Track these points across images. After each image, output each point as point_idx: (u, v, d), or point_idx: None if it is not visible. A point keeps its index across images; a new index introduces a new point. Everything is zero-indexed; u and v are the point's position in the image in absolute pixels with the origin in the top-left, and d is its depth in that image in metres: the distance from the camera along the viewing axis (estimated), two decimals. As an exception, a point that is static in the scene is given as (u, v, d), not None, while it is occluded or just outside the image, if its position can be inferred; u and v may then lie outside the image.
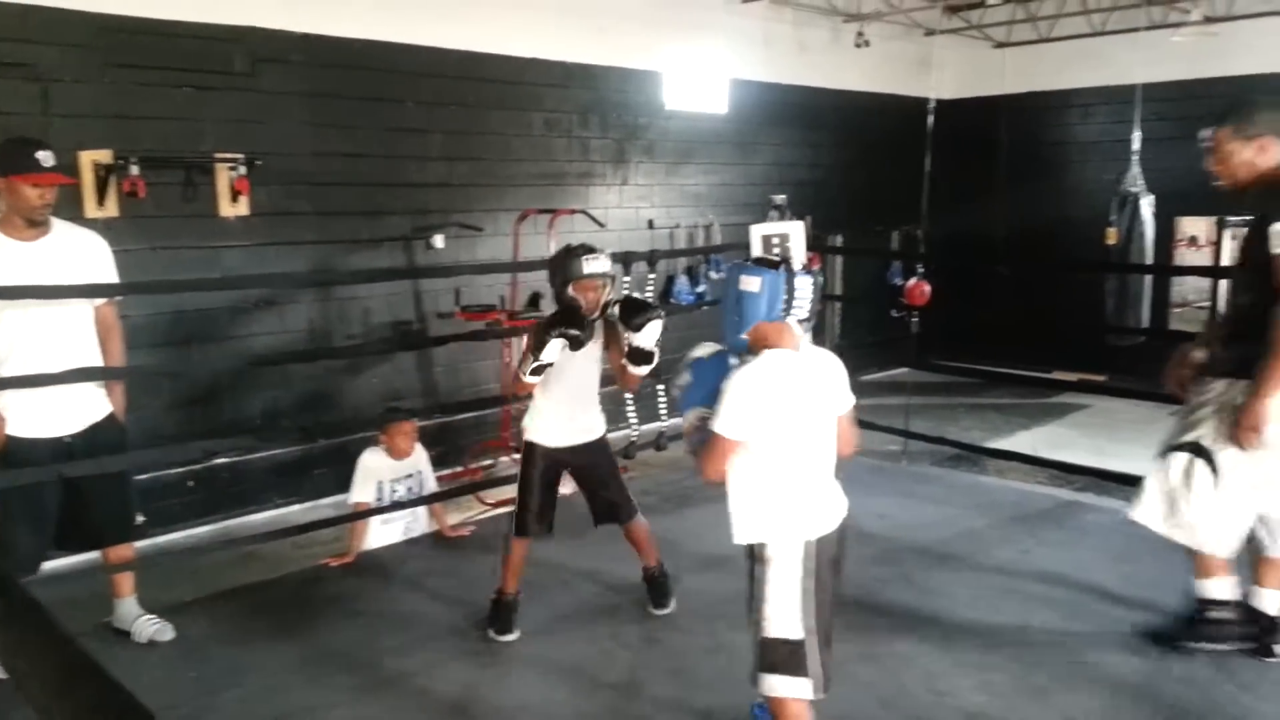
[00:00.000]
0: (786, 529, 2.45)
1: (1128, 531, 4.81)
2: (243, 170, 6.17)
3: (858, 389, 2.71)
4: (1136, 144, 8.26)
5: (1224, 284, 6.20)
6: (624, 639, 3.70)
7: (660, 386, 5.68)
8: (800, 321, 2.48)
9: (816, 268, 6.27)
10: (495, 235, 7.60)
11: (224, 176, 6.16)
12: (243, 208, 6.27)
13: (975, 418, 9.25)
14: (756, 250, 5.60)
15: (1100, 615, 3.86)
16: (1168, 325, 9.98)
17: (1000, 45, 11.05)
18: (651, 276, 5.69)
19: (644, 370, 3.58)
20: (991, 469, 7.08)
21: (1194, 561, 3.49)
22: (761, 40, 9.53)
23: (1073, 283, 9.95)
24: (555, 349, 3.41)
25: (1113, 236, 8.22)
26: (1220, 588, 3.45)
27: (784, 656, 2.42)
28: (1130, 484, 5.81)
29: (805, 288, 2.45)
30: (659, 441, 5.67)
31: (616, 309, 3.56)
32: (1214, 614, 3.47)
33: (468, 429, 7.55)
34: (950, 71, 11.40)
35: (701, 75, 9.10)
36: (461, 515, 5.90)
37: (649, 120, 8.79)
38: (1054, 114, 11.10)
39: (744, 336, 2.49)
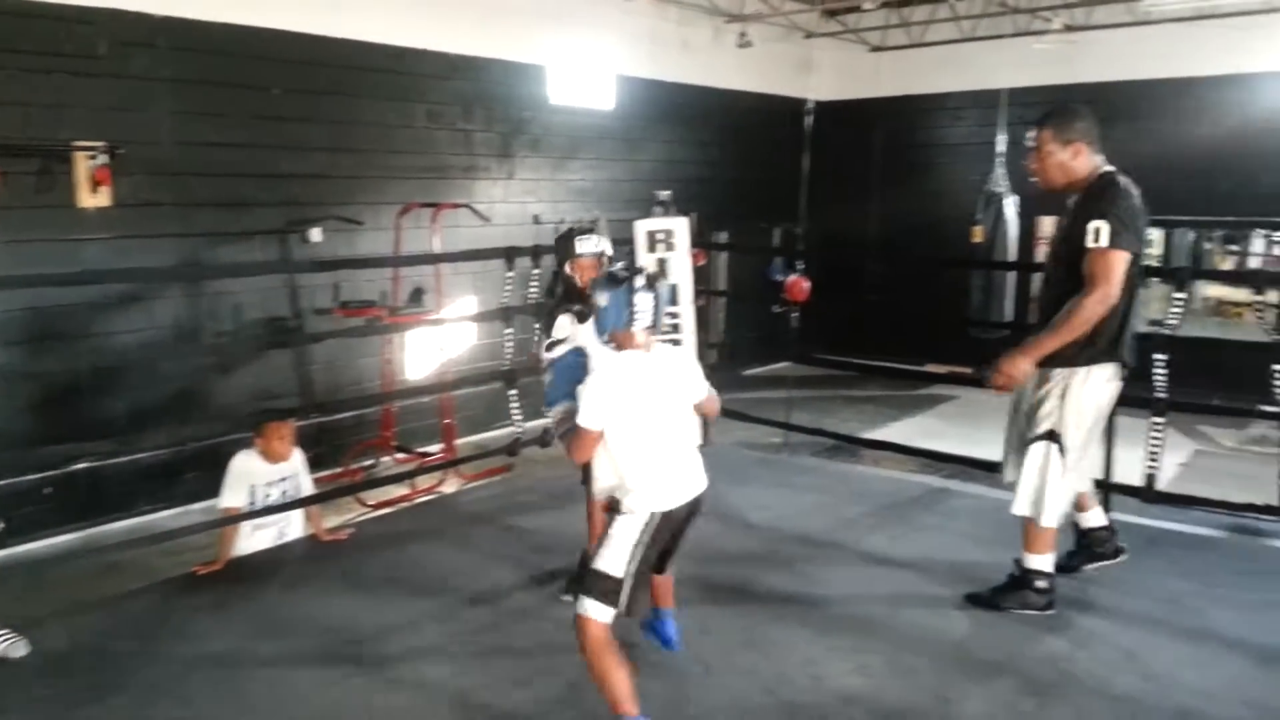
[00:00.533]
0: (639, 500, 2.84)
1: (993, 516, 5.06)
2: (104, 159, 5.87)
3: (741, 383, 3.07)
4: (1001, 146, 8.65)
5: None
6: (500, 643, 3.67)
7: (546, 379, 5.65)
8: (645, 328, 2.86)
9: (701, 263, 6.37)
10: (376, 229, 7.43)
11: (83, 166, 5.85)
12: (104, 199, 5.96)
13: (853, 409, 9.54)
14: (641, 246, 5.65)
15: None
16: (1030, 319, 10.49)
17: (875, 49, 11.40)
18: (536, 272, 5.65)
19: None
20: (867, 458, 7.30)
21: (1027, 534, 3.78)
22: (647, 37, 9.59)
23: (942, 279, 10.36)
24: (565, 324, 3.75)
25: (979, 235, 8.59)
26: (1050, 562, 3.80)
27: (603, 587, 2.81)
28: (994, 470, 6.12)
29: (645, 302, 2.83)
30: (544, 438, 5.65)
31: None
32: (1039, 584, 3.79)
33: (347, 429, 7.37)
34: (828, 74, 11.71)
35: (587, 71, 9.10)
36: (341, 518, 5.76)
37: (534, 114, 8.74)
38: (925, 116, 11.52)
39: (606, 339, 2.95)
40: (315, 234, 7.04)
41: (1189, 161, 9.55)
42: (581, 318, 3.74)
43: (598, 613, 2.80)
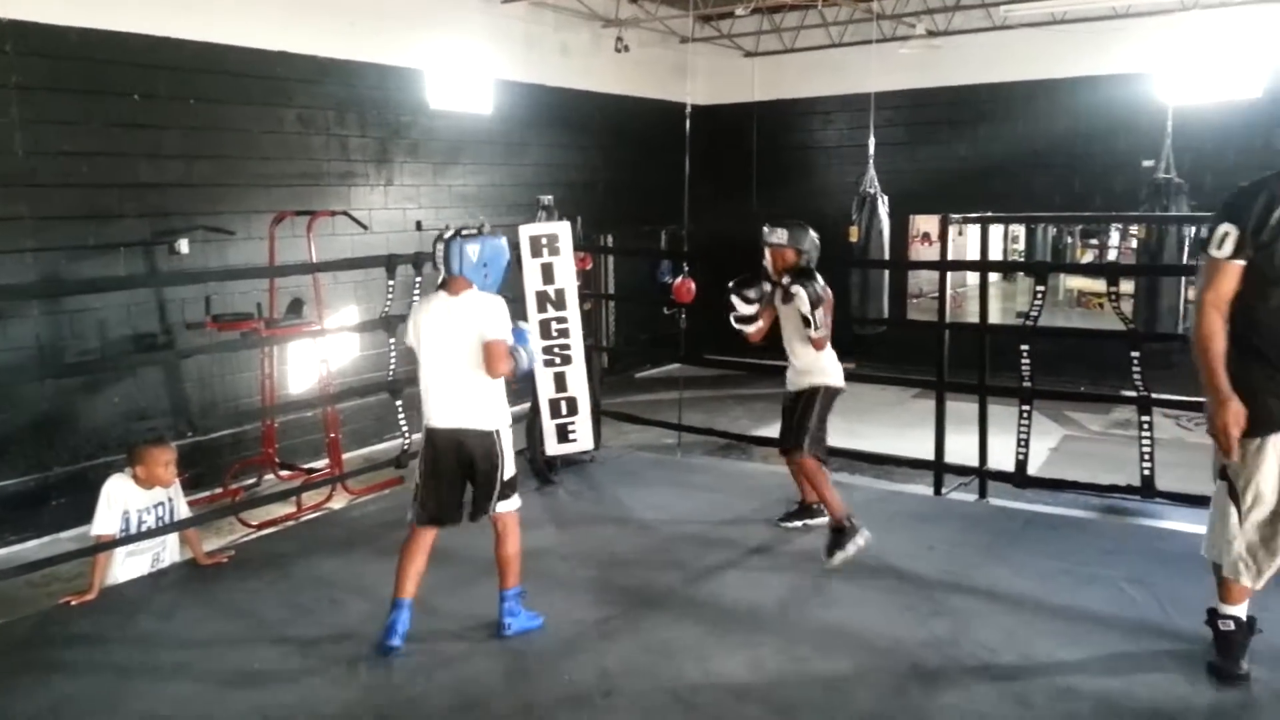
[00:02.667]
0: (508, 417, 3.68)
1: (877, 507, 5.22)
2: (-54, 171, 5.50)
3: (633, 385, 3.47)
4: (872, 148, 8.93)
5: (967, 279, 6.83)
6: (394, 666, 3.58)
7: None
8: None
9: (588, 267, 6.39)
10: (249, 239, 7.18)
11: (-78, 178, 5.47)
12: (-52, 213, 5.60)
13: (743, 408, 9.69)
14: (526, 251, 5.61)
15: (853, 585, 4.13)
16: (906, 314, 10.88)
17: (749, 54, 11.63)
18: (419, 279, 5.54)
19: (810, 331, 4.42)
20: (758, 455, 7.43)
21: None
22: (523, 42, 9.55)
23: (824, 277, 10.61)
24: (738, 304, 4.52)
25: (854, 234, 8.83)
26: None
27: (512, 486, 3.61)
28: (878, 463, 6.32)
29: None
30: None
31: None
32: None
33: (225, 447, 7.10)
34: (705, 78, 11.88)
35: (465, 75, 8.99)
36: (222, 540, 5.54)
37: (412, 119, 8.60)
38: (800, 120, 11.81)
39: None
40: (183, 245, 6.76)
41: (1047, 160, 10.07)
42: (741, 298, 4.52)
43: (516, 504, 3.63)
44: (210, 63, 6.94)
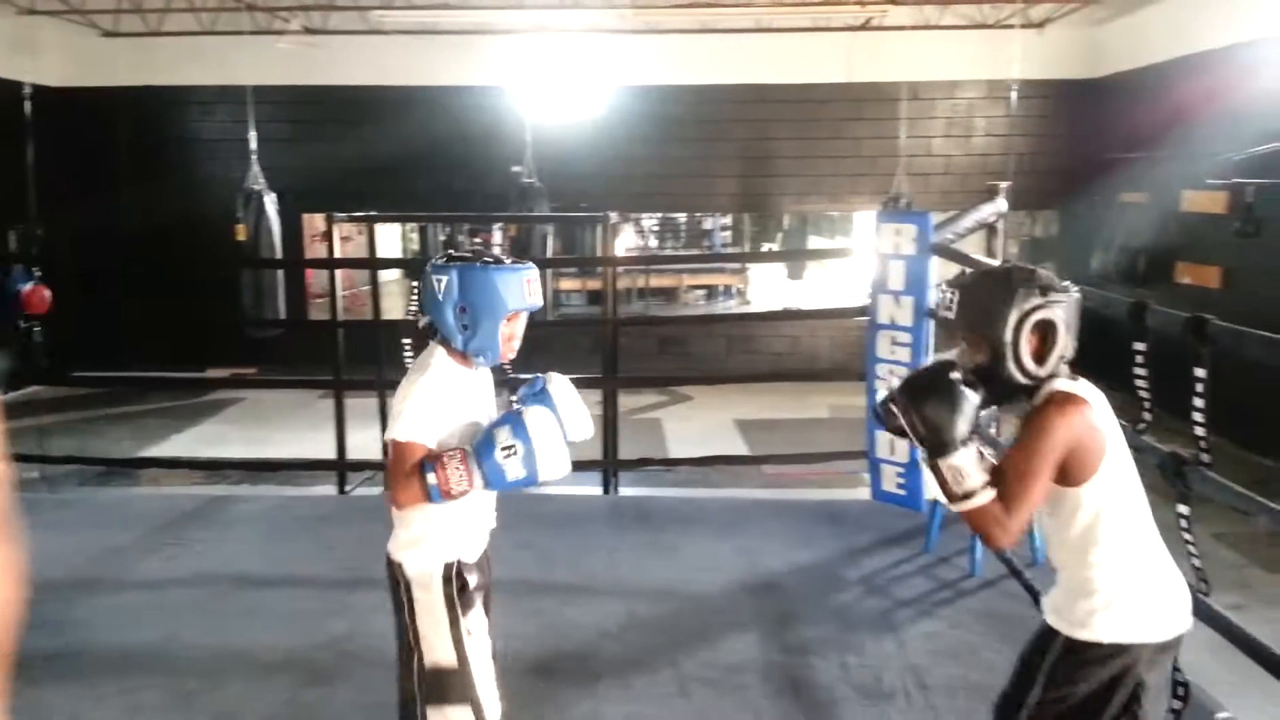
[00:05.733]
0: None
1: (277, 516, 5.08)
2: None
3: None
4: (254, 143, 8.61)
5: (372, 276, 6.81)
6: None
7: None
8: None
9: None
10: None
11: None
12: None
13: (128, 427, 8.72)
14: None
15: (241, 603, 3.95)
16: (308, 315, 10.72)
17: (108, 34, 10.42)
18: None
19: (967, 502, 2.05)
20: (146, 479, 6.76)
21: None
22: None
23: (211, 280, 9.97)
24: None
25: (242, 233, 8.45)
26: None
27: (444, 687, 2.29)
28: (280, 469, 6.15)
29: None
30: None
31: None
32: None
33: None
34: (55, 57, 10.39)
35: None
36: None
37: None
38: (175, 110, 10.92)
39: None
40: None
41: (430, 162, 10.59)
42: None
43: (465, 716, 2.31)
44: None
